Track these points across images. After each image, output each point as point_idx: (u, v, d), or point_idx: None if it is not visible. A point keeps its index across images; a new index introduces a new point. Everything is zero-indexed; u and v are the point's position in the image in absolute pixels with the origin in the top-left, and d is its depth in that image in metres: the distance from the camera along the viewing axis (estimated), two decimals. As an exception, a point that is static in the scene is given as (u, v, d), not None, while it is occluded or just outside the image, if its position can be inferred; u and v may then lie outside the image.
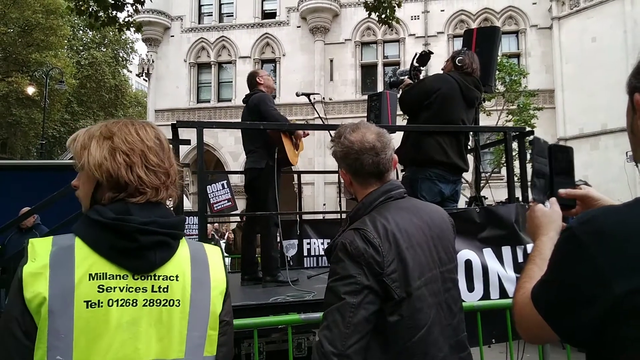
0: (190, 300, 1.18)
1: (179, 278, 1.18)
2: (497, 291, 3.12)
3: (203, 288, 1.22)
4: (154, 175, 1.22)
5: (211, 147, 22.01)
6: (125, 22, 8.59)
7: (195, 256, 1.24)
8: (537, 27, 20.98)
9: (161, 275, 1.16)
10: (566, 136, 19.31)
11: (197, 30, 24.14)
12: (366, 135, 1.65)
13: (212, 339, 1.22)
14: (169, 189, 1.25)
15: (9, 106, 22.92)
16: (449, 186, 3.84)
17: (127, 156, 1.19)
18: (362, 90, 22.05)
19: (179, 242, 1.23)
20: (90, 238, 1.13)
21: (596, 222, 0.91)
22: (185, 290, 1.18)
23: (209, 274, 1.24)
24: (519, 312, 1.05)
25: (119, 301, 1.10)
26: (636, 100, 0.96)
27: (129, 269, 1.13)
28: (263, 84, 4.45)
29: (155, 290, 1.15)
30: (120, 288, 1.11)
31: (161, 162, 1.24)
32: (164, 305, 1.15)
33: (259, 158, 4.21)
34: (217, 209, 8.91)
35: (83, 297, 1.08)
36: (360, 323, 1.42)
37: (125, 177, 1.18)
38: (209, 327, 1.21)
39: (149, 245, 1.14)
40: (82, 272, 1.09)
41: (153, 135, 1.26)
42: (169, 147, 1.30)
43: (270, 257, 4.17)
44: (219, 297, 1.24)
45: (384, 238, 1.50)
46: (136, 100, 35.76)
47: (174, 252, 1.20)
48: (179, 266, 1.20)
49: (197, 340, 1.18)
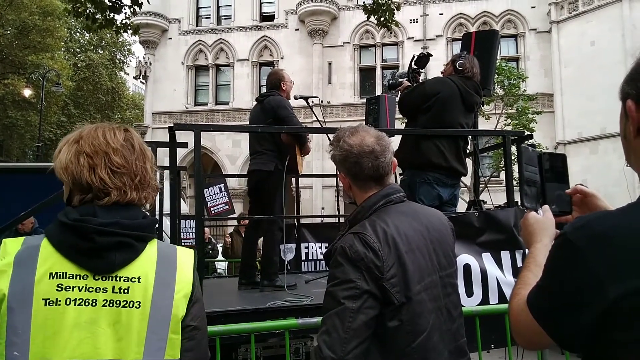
0: (151, 302, 1.19)
1: (141, 280, 1.19)
2: (496, 296, 3.11)
3: (166, 291, 1.21)
4: (119, 176, 1.24)
5: (208, 150, 21.98)
6: (123, 24, 8.57)
7: (162, 258, 1.25)
8: (536, 31, 21.06)
9: (122, 277, 1.18)
10: (565, 140, 19.36)
11: (195, 32, 24.14)
12: (365, 139, 1.63)
13: (174, 343, 1.21)
14: (140, 190, 1.27)
15: (5, 108, 22.88)
16: (448, 190, 3.83)
17: (90, 158, 1.23)
18: (360, 93, 22.08)
19: (145, 244, 1.24)
20: (55, 238, 1.17)
21: (590, 228, 0.91)
22: (146, 292, 1.19)
23: (174, 276, 1.24)
24: (515, 318, 1.06)
25: (77, 300, 1.13)
26: (628, 107, 0.98)
27: (89, 269, 1.16)
28: (285, 90, 4.36)
29: (115, 291, 1.17)
30: (79, 288, 1.14)
31: (127, 163, 1.26)
32: (124, 306, 1.16)
33: (267, 160, 4.15)
34: (214, 213, 8.89)
35: (42, 295, 1.11)
36: (360, 328, 1.41)
37: (87, 179, 1.21)
38: (170, 330, 1.20)
39: (108, 246, 1.16)
40: (43, 271, 1.13)
41: (122, 137, 1.29)
42: (143, 151, 1.32)
43: (272, 261, 4.14)
44: (182, 301, 1.23)
45: (383, 242, 1.49)
46: (133, 102, 35.72)
47: (138, 253, 1.21)
48: (142, 268, 1.21)
49: (156, 342, 1.18)
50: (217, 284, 5.38)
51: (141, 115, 27.47)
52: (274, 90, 4.36)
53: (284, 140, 4.15)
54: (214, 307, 3.11)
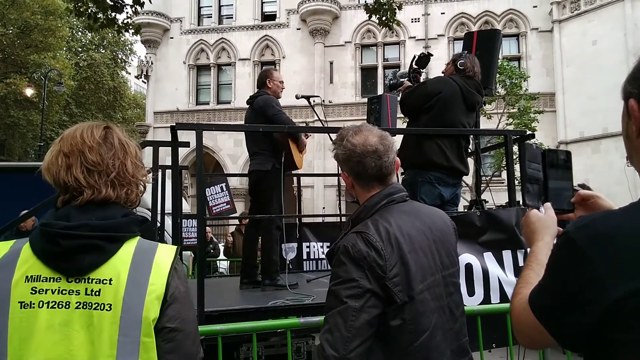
0: (122, 304, 1.17)
1: (112, 281, 1.18)
2: (498, 295, 3.11)
3: (138, 292, 1.18)
4: (95, 174, 1.23)
5: (210, 149, 21.99)
6: (124, 24, 8.57)
7: (138, 258, 1.22)
8: (538, 30, 21.03)
9: (95, 279, 1.17)
10: (567, 140, 19.33)
11: (196, 32, 24.15)
12: (369, 138, 1.63)
13: (148, 346, 1.18)
14: (116, 187, 1.25)
15: (7, 108, 22.90)
16: (449, 189, 3.83)
17: (67, 158, 1.23)
18: (362, 92, 22.07)
19: (120, 244, 1.22)
20: (32, 242, 1.18)
21: (593, 227, 0.91)
22: (117, 293, 1.17)
23: (148, 277, 1.21)
24: (516, 317, 1.05)
25: (50, 303, 1.14)
26: (630, 106, 0.97)
27: (61, 272, 1.16)
28: (270, 88, 4.40)
29: (88, 294, 1.16)
30: (52, 290, 1.15)
31: (102, 161, 1.25)
32: (95, 308, 1.16)
33: (264, 160, 4.18)
34: (215, 212, 8.88)
35: (18, 298, 1.13)
36: (362, 327, 1.41)
37: (64, 178, 1.22)
38: (143, 333, 1.17)
39: (74, 249, 1.16)
40: (20, 274, 1.14)
41: (99, 135, 1.27)
42: (125, 147, 1.30)
43: (271, 260, 4.15)
44: (154, 303, 1.19)
45: (386, 241, 1.49)
46: (135, 102, 35.73)
47: (110, 254, 1.19)
48: (114, 269, 1.19)
49: (128, 345, 1.16)
50: (219, 283, 5.39)
51: (143, 114, 27.47)
52: (261, 89, 4.42)
53: (278, 138, 4.18)
54: (215, 306, 3.11)
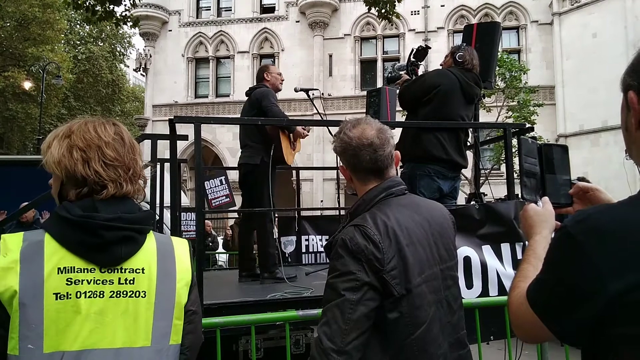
0: (155, 291, 1.25)
1: (145, 271, 1.25)
2: (496, 288, 3.12)
3: (169, 280, 1.29)
4: (113, 169, 1.27)
5: (209, 142, 21.97)
6: (123, 17, 8.54)
7: (162, 249, 1.31)
8: (538, 23, 20.95)
9: (127, 268, 1.23)
10: (566, 133, 19.32)
11: (195, 24, 24.04)
12: (366, 131, 1.63)
13: (178, 328, 1.29)
14: (133, 182, 1.31)
15: (6, 101, 22.82)
16: (448, 183, 3.83)
17: (83, 152, 1.25)
18: (361, 86, 22.01)
19: (145, 236, 1.29)
20: (58, 234, 1.20)
21: (591, 221, 0.91)
22: (151, 282, 1.25)
23: (175, 266, 1.31)
24: (514, 311, 1.05)
25: (87, 293, 1.18)
26: (630, 98, 0.97)
27: (95, 262, 1.20)
28: (269, 81, 4.42)
29: (121, 283, 1.22)
30: (87, 280, 1.18)
31: (119, 156, 1.29)
32: (130, 296, 1.22)
33: (253, 153, 4.18)
34: (215, 205, 8.89)
35: (52, 290, 1.15)
36: (360, 319, 1.42)
37: (82, 172, 1.24)
38: (175, 317, 1.28)
39: (115, 241, 1.21)
40: (51, 266, 1.16)
41: (112, 131, 1.32)
42: (133, 144, 1.36)
43: (268, 253, 4.15)
44: (184, 289, 1.32)
45: (384, 235, 1.49)
46: (133, 95, 35.65)
47: (140, 246, 1.27)
48: (145, 259, 1.27)
49: (163, 329, 1.25)
50: (218, 276, 5.40)
51: (141, 107, 27.43)
52: (260, 83, 4.44)
53: (268, 131, 4.17)
54: (215, 299, 3.12)
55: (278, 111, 4.17)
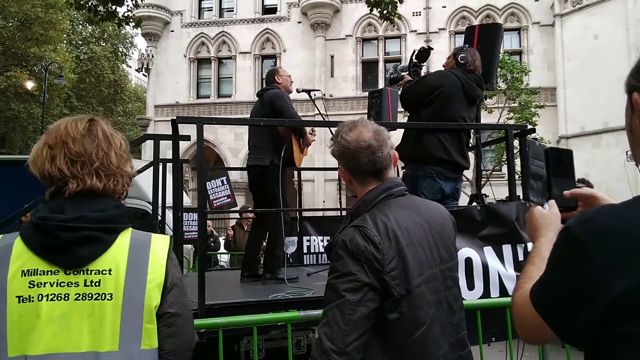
0: (123, 293, 1.20)
1: (112, 271, 1.20)
2: (497, 289, 3.12)
3: (138, 281, 1.22)
4: (77, 165, 1.24)
5: (211, 143, 21.98)
6: (125, 17, 8.55)
7: (135, 248, 1.25)
8: (539, 24, 20.93)
9: (94, 270, 1.19)
10: (567, 134, 19.29)
11: (197, 25, 24.06)
12: (363, 134, 1.63)
13: (150, 332, 1.22)
14: (104, 177, 1.26)
15: (8, 101, 22.84)
16: (450, 184, 3.83)
17: (51, 149, 1.24)
18: (362, 86, 22.00)
19: (116, 235, 1.24)
20: (26, 236, 1.19)
21: (595, 222, 0.91)
22: (118, 283, 1.20)
23: (147, 266, 1.25)
24: (517, 312, 1.05)
25: (49, 296, 1.16)
26: (634, 100, 0.97)
27: (59, 264, 1.18)
28: (281, 83, 4.40)
29: (87, 285, 1.18)
30: (50, 283, 1.16)
31: (85, 151, 1.26)
32: (96, 299, 1.18)
33: (262, 155, 4.16)
34: (216, 206, 8.87)
35: (15, 293, 1.14)
36: (360, 320, 1.42)
37: (48, 170, 1.23)
38: (145, 320, 1.21)
39: (75, 241, 1.17)
40: (15, 269, 1.15)
41: (82, 127, 1.29)
42: (108, 138, 1.31)
43: (275, 255, 4.15)
44: (155, 290, 1.24)
45: (384, 235, 1.50)
46: (136, 95, 35.69)
47: (108, 245, 1.22)
48: (113, 260, 1.21)
49: (132, 333, 1.20)
50: (220, 277, 5.40)
51: (143, 107, 27.44)
52: (272, 85, 4.42)
53: (281, 132, 4.16)
54: (216, 299, 3.12)
55: (294, 113, 4.16)
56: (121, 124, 33.66)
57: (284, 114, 4.06)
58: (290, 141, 4.16)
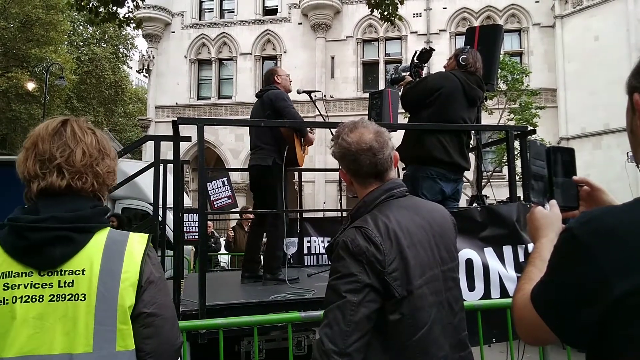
0: (96, 294, 1.18)
1: (85, 272, 1.19)
2: (498, 290, 3.11)
3: (112, 281, 1.20)
4: (42, 163, 1.24)
5: (212, 144, 21.99)
6: (126, 18, 8.57)
7: (110, 248, 1.23)
8: (540, 26, 20.94)
9: (67, 270, 1.18)
10: (568, 135, 19.29)
11: (197, 26, 24.08)
12: (364, 136, 1.62)
13: (125, 333, 1.20)
14: (66, 175, 1.24)
15: (9, 102, 22.88)
16: (450, 185, 3.83)
17: (26, 151, 1.26)
18: (363, 87, 22.01)
19: (90, 234, 1.23)
20: (2, 239, 1.19)
21: (596, 223, 0.91)
22: (91, 283, 1.18)
23: (121, 266, 1.22)
24: (518, 313, 1.05)
25: (23, 297, 1.15)
26: (635, 101, 0.96)
27: (32, 266, 1.17)
28: (280, 84, 4.40)
29: (61, 286, 1.17)
30: (25, 285, 1.15)
31: (50, 149, 1.25)
32: (69, 299, 1.17)
33: (265, 155, 4.15)
34: (217, 206, 8.87)
35: None
36: (361, 321, 1.42)
37: (22, 171, 1.24)
38: (119, 321, 1.19)
39: (44, 242, 1.17)
40: None
41: (53, 126, 1.28)
42: (79, 136, 1.29)
43: (275, 256, 4.15)
44: (129, 290, 1.21)
45: (385, 236, 1.50)
46: (136, 96, 35.74)
47: (81, 245, 1.20)
48: (87, 259, 1.20)
49: (106, 334, 1.18)
50: (220, 278, 5.40)
51: (144, 108, 27.47)
52: (271, 85, 4.41)
53: (282, 132, 4.16)
54: (217, 300, 3.12)
55: (295, 113, 4.16)
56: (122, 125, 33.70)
57: (285, 114, 4.07)
58: (292, 141, 4.16)
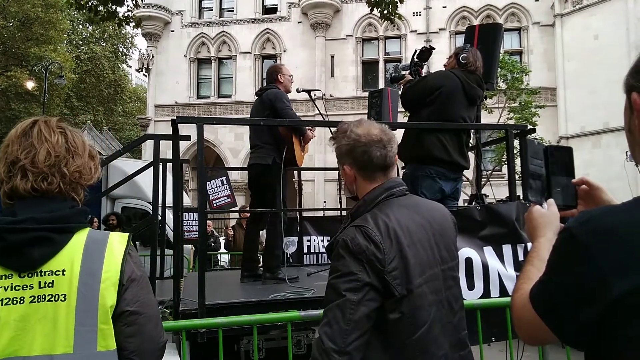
0: (77, 294, 1.18)
1: (65, 272, 1.18)
2: (497, 289, 3.12)
3: (92, 281, 1.20)
4: (9, 166, 1.24)
5: (211, 143, 21.98)
6: (125, 17, 8.56)
7: (90, 248, 1.23)
8: (540, 25, 20.93)
9: (47, 271, 1.18)
10: (568, 134, 19.29)
11: (197, 25, 24.06)
12: (371, 129, 1.65)
13: (106, 333, 1.19)
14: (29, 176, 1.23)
15: (8, 100, 22.87)
16: (450, 184, 3.83)
17: (1, 154, 1.26)
18: (363, 86, 22.00)
19: (69, 235, 1.22)
20: None
21: (595, 222, 0.90)
22: (72, 284, 1.18)
23: (102, 265, 1.22)
24: (517, 313, 1.05)
25: (4, 300, 1.14)
26: (633, 100, 0.96)
27: (12, 268, 1.16)
28: (282, 83, 4.39)
29: (41, 287, 1.17)
30: (5, 287, 1.15)
31: (17, 150, 1.25)
32: (49, 300, 1.16)
33: (265, 154, 4.16)
34: (216, 206, 8.88)
35: None
36: (361, 320, 1.42)
37: None
38: (100, 321, 1.18)
39: (25, 243, 1.16)
40: None
41: (22, 129, 1.29)
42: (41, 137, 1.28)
43: (274, 254, 4.16)
44: (110, 289, 1.21)
45: (385, 235, 1.50)
46: (136, 95, 35.73)
47: (61, 246, 1.20)
48: (67, 260, 1.20)
49: (86, 334, 1.17)
50: (220, 277, 5.40)
51: (144, 107, 27.46)
52: (272, 83, 4.40)
53: (281, 132, 4.17)
54: (216, 299, 3.12)
55: (293, 114, 4.16)
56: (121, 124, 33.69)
57: (282, 115, 4.10)
58: (291, 141, 4.17)
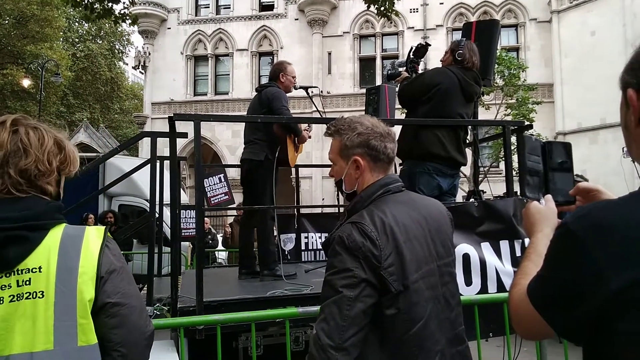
0: (55, 290, 1.18)
1: (42, 269, 1.19)
2: (495, 285, 3.13)
3: (70, 276, 1.20)
4: None
5: (208, 140, 21.94)
6: (121, 14, 8.53)
7: (65, 243, 1.23)
8: (537, 21, 20.94)
9: (24, 269, 1.18)
10: (565, 130, 19.32)
11: (194, 22, 23.98)
12: (378, 123, 1.68)
13: (86, 327, 1.20)
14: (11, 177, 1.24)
15: (4, 98, 22.79)
16: (447, 180, 3.83)
17: None
18: (360, 83, 21.99)
19: (44, 232, 1.23)
20: None
21: (592, 217, 0.91)
22: (49, 280, 1.18)
23: (78, 260, 1.22)
24: (514, 308, 1.05)
25: None
26: (629, 96, 0.97)
27: None
28: (283, 83, 4.36)
29: (19, 285, 1.17)
30: None
31: None
32: (27, 298, 1.16)
33: (258, 150, 4.16)
34: (214, 203, 8.88)
35: None
36: (358, 316, 1.43)
37: None
38: (79, 315, 1.19)
39: None
40: None
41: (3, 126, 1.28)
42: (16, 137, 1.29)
43: (268, 251, 4.15)
44: (88, 283, 1.21)
45: (381, 231, 1.50)
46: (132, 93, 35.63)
47: (36, 243, 1.20)
48: (43, 257, 1.20)
49: (66, 330, 1.17)
50: (218, 274, 5.40)
51: (140, 105, 27.39)
52: (272, 81, 4.38)
53: (275, 132, 4.16)
54: (214, 296, 3.13)
55: (288, 115, 4.15)
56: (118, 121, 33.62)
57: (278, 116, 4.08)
58: (285, 141, 4.17)
